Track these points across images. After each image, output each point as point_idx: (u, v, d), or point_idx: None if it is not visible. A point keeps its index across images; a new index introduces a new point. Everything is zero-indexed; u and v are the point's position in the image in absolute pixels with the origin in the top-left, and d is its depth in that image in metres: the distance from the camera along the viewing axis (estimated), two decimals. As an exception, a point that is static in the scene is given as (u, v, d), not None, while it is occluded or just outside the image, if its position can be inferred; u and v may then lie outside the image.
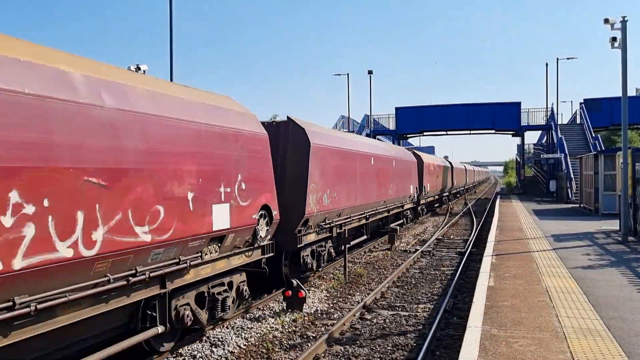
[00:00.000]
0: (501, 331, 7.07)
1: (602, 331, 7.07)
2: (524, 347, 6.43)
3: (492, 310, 8.08)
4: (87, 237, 5.57)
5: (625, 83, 16.31)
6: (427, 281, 13.31)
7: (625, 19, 16.16)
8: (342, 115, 49.18)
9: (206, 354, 7.98)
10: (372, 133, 46.67)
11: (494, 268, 11.56)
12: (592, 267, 11.70)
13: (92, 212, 5.63)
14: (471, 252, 17.28)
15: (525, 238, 16.64)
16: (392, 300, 11.45)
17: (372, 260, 16.35)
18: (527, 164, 56.11)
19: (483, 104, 48.43)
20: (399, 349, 8.26)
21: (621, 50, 16.29)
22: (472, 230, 23.51)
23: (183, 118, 7.20)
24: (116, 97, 6.14)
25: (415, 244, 20.03)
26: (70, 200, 5.38)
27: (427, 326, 9.36)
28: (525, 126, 47.58)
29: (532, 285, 9.82)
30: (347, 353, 8.05)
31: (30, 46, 5.61)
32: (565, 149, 37.37)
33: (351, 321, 9.75)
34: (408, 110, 49.62)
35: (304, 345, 8.40)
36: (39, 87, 5.21)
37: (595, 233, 17.82)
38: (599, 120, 44.45)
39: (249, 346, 8.38)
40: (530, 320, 7.58)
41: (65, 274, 5.41)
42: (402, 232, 22.74)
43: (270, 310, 10.42)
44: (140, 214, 6.29)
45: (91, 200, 5.62)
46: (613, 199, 23.74)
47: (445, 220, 28.79)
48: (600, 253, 13.66)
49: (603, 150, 29.95)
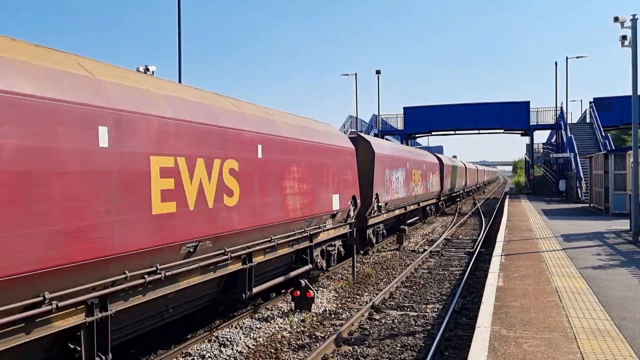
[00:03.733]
0: (510, 331, 7.04)
1: (613, 332, 7.02)
2: (534, 347, 6.40)
3: (501, 311, 8.05)
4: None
5: (636, 82, 16.18)
6: (435, 281, 13.27)
7: (635, 17, 16.04)
8: (350, 116, 49.12)
9: (215, 353, 8.00)
10: (380, 133, 46.59)
11: (503, 268, 11.51)
12: (603, 267, 11.62)
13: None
14: (480, 252, 17.21)
15: (534, 238, 16.55)
16: (400, 300, 11.43)
17: (380, 260, 16.33)
18: (536, 163, 55.75)
19: (491, 103, 48.18)
20: (407, 349, 8.25)
21: (631, 48, 16.18)
22: (481, 230, 23.42)
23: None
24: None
25: (423, 244, 19.98)
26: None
27: (435, 326, 9.33)
28: (535, 125, 47.30)
29: (541, 286, 9.77)
30: (356, 353, 8.05)
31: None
32: (574, 149, 37.13)
33: (360, 321, 9.75)
34: (416, 110, 49.49)
35: (312, 346, 8.41)
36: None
37: (605, 233, 17.69)
38: (609, 120, 44.12)
39: (258, 346, 8.40)
40: (540, 320, 7.54)
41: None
42: (411, 232, 22.71)
43: (279, 311, 10.43)
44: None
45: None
46: (623, 198, 23.57)
47: (454, 220, 28.70)
48: (610, 253, 13.56)
49: (613, 150, 29.75)
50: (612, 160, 24.76)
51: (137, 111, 5.85)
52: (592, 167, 29.20)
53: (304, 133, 10.78)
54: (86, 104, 5.20)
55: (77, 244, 5.03)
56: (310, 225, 10.97)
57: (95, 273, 5.35)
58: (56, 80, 5.01)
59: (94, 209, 5.21)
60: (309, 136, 10.96)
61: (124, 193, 5.58)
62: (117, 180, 5.50)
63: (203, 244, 7.02)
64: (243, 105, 9.05)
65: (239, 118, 8.28)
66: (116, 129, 5.52)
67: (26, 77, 4.70)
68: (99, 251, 5.29)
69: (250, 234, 8.32)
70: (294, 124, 10.60)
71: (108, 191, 5.39)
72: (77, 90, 5.17)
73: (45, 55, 5.21)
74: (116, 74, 6.09)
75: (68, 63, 5.42)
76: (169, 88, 7.03)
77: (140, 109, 5.91)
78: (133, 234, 5.71)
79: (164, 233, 6.18)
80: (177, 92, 7.12)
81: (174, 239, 6.37)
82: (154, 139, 6.08)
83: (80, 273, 5.15)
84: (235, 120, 8.05)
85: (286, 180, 9.59)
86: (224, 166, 7.47)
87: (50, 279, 4.85)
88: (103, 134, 5.34)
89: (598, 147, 37.93)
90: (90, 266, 5.23)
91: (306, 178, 10.51)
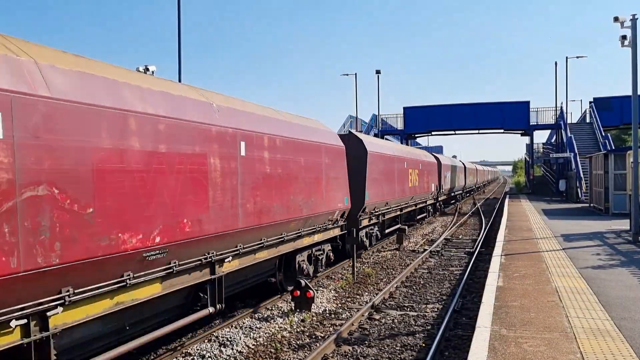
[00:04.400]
0: (510, 331, 7.04)
1: (613, 332, 7.01)
2: (534, 347, 6.39)
3: (501, 311, 8.05)
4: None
5: (636, 81, 16.18)
6: (435, 281, 13.27)
7: (635, 17, 16.03)
8: (350, 116, 49.11)
9: (215, 353, 8.00)
10: (380, 133, 46.58)
11: (503, 268, 11.51)
12: (603, 267, 11.62)
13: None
14: (480, 252, 17.21)
15: (534, 238, 16.55)
16: (400, 300, 11.43)
17: (380, 260, 16.33)
18: (536, 163, 55.74)
19: (492, 103, 48.16)
20: (407, 349, 8.25)
21: (631, 48, 16.18)
22: (481, 230, 23.42)
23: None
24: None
25: (423, 243, 19.98)
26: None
27: (435, 326, 9.33)
28: (535, 125, 47.27)
29: (541, 285, 9.76)
30: (356, 353, 8.05)
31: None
32: (574, 148, 37.12)
33: (360, 321, 9.75)
34: (416, 110, 49.46)
35: (312, 345, 8.41)
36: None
37: (605, 233, 17.69)
38: (609, 119, 44.09)
39: (258, 346, 8.39)
40: (540, 320, 7.54)
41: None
42: (410, 232, 22.70)
43: (279, 310, 10.43)
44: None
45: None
46: (623, 198, 23.56)
47: (454, 220, 28.69)
48: (610, 253, 13.55)
49: (613, 150, 29.73)
50: (612, 160, 24.76)
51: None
52: (592, 167, 29.20)
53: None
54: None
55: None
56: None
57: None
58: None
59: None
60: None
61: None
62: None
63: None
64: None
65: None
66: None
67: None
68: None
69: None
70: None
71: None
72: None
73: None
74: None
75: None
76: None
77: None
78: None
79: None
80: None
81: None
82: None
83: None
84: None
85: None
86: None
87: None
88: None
89: (598, 147, 37.92)
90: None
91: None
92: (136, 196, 6.13)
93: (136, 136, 6.17)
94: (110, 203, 5.75)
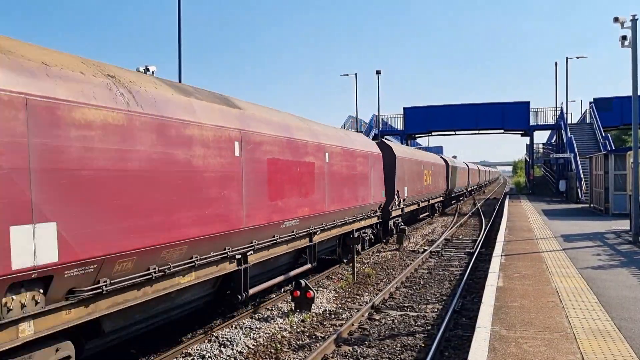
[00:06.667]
0: (510, 332, 7.04)
1: (613, 332, 7.02)
2: (534, 347, 6.40)
3: (501, 311, 8.05)
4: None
5: (636, 82, 16.18)
6: (435, 281, 13.27)
7: (635, 17, 16.04)
8: (350, 116, 49.11)
9: (215, 353, 8.00)
10: (381, 133, 46.57)
11: (503, 268, 11.51)
12: (603, 267, 11.62)
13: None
14: (480, 252, 17.21)
15: (534, 238, 16.55)
16: (400, 300, 11.43)
17: (380, 260, 16.33)
18: (536, 163, 55.77)
19: (492, 104, 48.19)
20: (407, 349, 8.25)
21: (631, 48, 16.18)
22: (481, 231, 23.42)
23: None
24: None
25: (423, 244, 19.98)
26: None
27: (435, 327, 9.33)
28: (535, 126, 47.30)
29: (541, 286, 9.76)
30: (356, 353, 8.05)
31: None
32: (575, 149, 37.11)
33: (360, 321, 9.75)
34: (416, 110, 49.48)
35: (312, 346, 8.41)
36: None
37: (605, 233, 17.69)
38: (609, 120, 44.10)
39: (258, 346, 8.40)
40: (540, 320, 7.54)
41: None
42: (411, 232, 22.70)
43: (279, 311, 10.43)
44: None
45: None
46: (623, 198, 23.56)
47: (454, 221, 28.70)
48: (610, 253, 13.55)
49: (613, 150, 29.73)
50: (612, 160, 24.76)
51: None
52: (592, 168, 29.19)
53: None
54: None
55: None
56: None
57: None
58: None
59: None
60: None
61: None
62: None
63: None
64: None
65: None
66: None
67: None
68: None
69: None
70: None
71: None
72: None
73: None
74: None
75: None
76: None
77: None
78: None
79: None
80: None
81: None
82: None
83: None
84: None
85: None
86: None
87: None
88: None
89: (598, 147, 37.90)
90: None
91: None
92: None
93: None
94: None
